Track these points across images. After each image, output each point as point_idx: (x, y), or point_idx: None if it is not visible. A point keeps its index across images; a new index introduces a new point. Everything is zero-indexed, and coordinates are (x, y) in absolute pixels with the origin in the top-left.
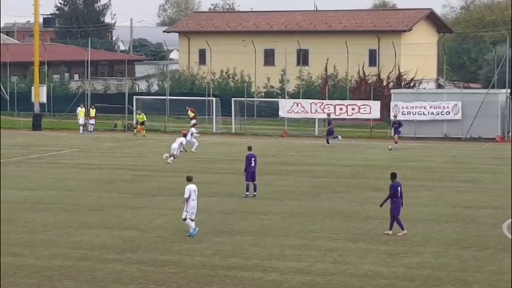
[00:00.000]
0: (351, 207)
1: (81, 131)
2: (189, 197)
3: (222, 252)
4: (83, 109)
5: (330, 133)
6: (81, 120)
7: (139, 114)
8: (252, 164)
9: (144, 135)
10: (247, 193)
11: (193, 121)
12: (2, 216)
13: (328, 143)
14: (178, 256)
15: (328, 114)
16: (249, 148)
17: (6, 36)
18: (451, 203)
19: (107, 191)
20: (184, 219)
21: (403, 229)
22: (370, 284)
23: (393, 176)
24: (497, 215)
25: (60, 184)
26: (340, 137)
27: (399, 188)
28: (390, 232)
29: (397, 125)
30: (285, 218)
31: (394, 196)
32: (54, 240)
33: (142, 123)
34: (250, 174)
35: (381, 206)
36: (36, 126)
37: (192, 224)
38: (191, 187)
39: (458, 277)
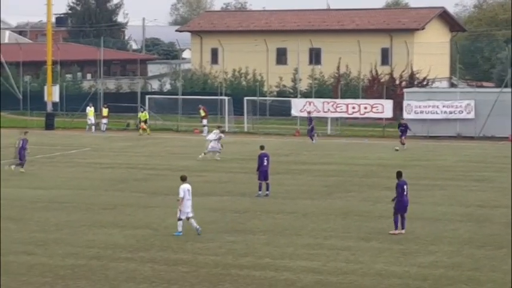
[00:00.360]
0: (363, 206)
1: (92, 130)
2: (183, 197)
3: (234, 251)
4: (92, 108)
5: (311, 131)
6: (91, 119)
7: (142, 112)
8: (265, 163)
9: (148, 134)
10: (260, 192)
11: (205, 121)
12: (15, 215)
13: (312, 140)
14: (191, 255)
15: (309, 112)
16: (262, 147)
17: (19, 36)
18: (465, 202)
19: (119, 190)
20: (179, 219)
21: (396, 228)
22: (383, 283)
23: (399, 174)
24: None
25: (73, 183)
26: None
27: (405, 187)
28: (403, 231)
29: (404, 127)
30: (297, 217)
31: (400, 195)
32: (67, 239)
33: (145, 121)
34: (263, 173)
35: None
36: (49, 125)
37: (194, 223)
38: (185, 187)
39: (472, 276)
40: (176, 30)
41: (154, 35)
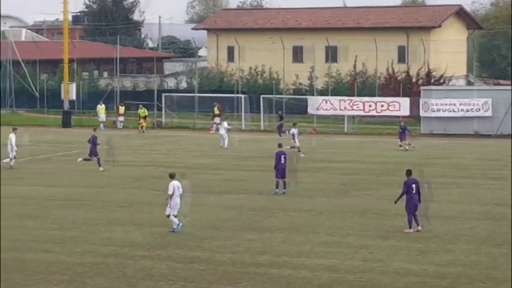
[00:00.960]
0: (380, 204)
1: (101, 127)
2: (172, 193)
3: (252, 249)
4: (103, 106)
5: (279, 127)
6: (101, 117)
7: (141, 109)
8: (282, 161)
9: (143, 131)
10: (277, 190)
11: (217, 119)
12: (31, 213)
13: (280, 135)
14: (208, 253)
15: (280, 111)
16: (280, 145)
17: (36, 34)
18: (482, 200)
19: (136, 188)
20: (168, 216)
21: (410, 227)
22: (400, 282)
23: (408, 172)
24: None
25: (90, 181)
26: (287, 132)
27: (414, 185)
28: (419, 228)
29: (402, 129)
30: (314, 215)
31: (408, 193)
32: (84, 236)
33: (144, 118)
34: (280, 171)
35: (395, 202)
36: (66, 123)
37: (176, 220)
38: (175, 184)
39: (490, 275)
40: (192, 29)
41: (171, 33)
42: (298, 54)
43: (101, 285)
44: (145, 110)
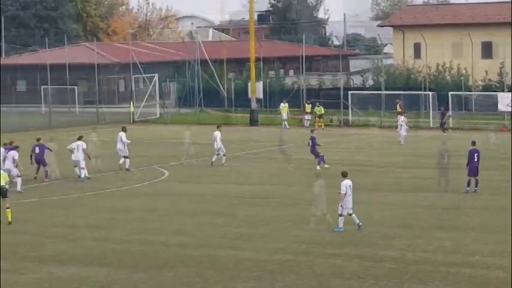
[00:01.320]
0: None
1: (286, 126)
2: (345, 192)
3: (443, 248)
4: (286, 104)
5: (442, 124)
6: (284, 115)
7: (318, 107)
8: (475, 159)
9: (322, 129)
10: (468, 188)
11: (399, 117)
12: (222, 211)
13: (444, 132)
14: (398, 252)
15: (443, 107)
16: (473, 143)
17: (223, 34)
18: None
19: (325, 186)
20: (340, 215)
21: None
22: None
23: None
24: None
25: (278, 179)
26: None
27: None
28: None
29: None
30: (508, 214)
31: None
32: (273, 234)
33: (320, 116)
34: (473, 169)
35: None
36: (253, 121)
37: (356, 219)
38: (347, 183)
39: None
40: (378, 25)
41: (355, 30)
42: (487, 50)
43: (291, 282)
44: (322, 108)
